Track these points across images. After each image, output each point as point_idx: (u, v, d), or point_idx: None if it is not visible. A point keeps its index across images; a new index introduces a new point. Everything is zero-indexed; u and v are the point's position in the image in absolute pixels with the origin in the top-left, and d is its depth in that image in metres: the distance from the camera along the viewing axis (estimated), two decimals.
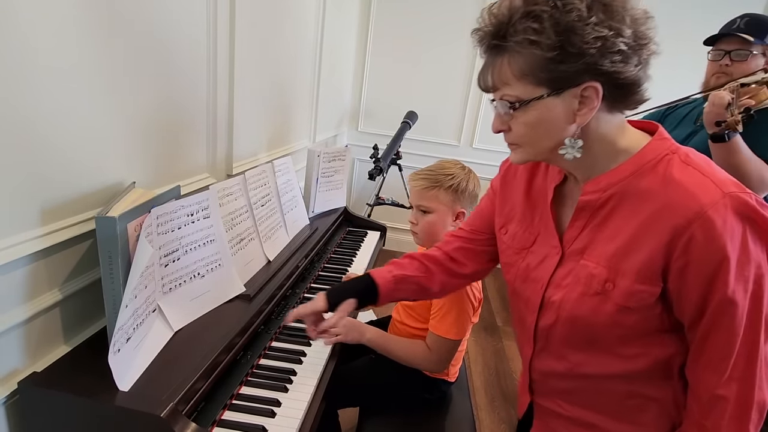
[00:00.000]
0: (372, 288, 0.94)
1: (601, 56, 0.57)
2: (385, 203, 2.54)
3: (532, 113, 0.62)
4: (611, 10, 0.57)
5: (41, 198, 0.74)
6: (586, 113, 0.61)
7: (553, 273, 0.72)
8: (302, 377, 0.96)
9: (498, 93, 0.65)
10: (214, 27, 1.17)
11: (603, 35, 0.56)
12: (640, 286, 0.63)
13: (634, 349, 0.67)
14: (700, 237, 0.58)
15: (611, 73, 0.58)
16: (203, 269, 0.98)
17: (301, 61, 1.91)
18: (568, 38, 0.56)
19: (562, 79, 0.59)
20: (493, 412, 1.93)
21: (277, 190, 1.39)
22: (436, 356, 1.10)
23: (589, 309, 0.67)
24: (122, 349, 0.73)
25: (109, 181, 0.88)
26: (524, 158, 0.69)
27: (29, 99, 0.69)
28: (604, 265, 0.65)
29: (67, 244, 0.80)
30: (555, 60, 0.58)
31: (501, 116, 0.66)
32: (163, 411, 0.69)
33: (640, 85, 0.62)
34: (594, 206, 0.67)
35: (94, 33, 0.79)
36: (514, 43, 0.59)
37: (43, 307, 0.77)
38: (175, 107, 1.07)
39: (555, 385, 0.78)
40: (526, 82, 0.61)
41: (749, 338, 0.60)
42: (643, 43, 0.59)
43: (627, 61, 0.58)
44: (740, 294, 0.58)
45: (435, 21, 2.97)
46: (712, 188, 0.59)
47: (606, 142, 0.65)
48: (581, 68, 0.58)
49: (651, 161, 0.64)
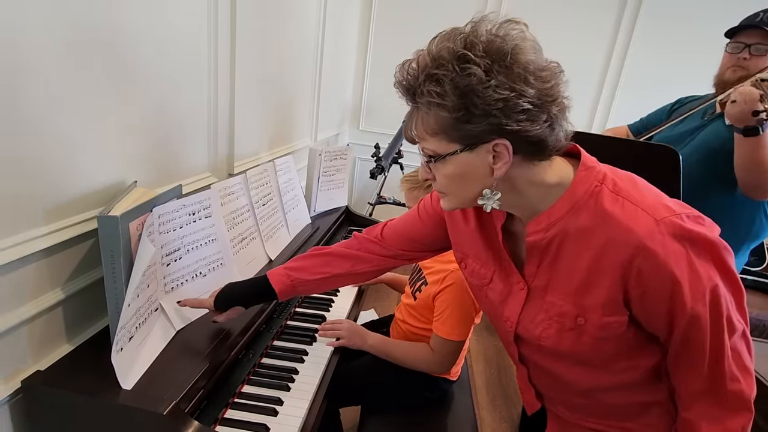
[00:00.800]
0: (268, 292, 0.95)
1: (505, 116, 0.58)
2: (386, 202, 2.54)
3: (450, 167, 0.64)
4: (511, 72, 0.57)
5: (43, 197, 0.75)
6: (501, 167, 0.62)
7: (522, 310, 0.73)
8: (304, 376, 0.97)
9: (419, 145, 0.66)
10: (215, 26, 1.17)
11: (504, 97, 0.57)
12: (609, 318, 0.65)
13: (622, 364, 0.70)
14: (646, 269, 0.60)
15: (518, 132, 0.59)
16: (205, 268, 0.98)
17: (302, 59, 1.91)
18: (470, 100, 0.57)
19: (472, 137, 0.60)
20: (494, 411, 1.93)
21: (279, 189, 1.40)
22: (439, 358, 1.10)
23: (570, 342, 0.69)
24: (125, 347, 0.74)
25: (110, 180, 0.88)
26: (452, 206, 0.70)
27: (31, 98, 0.69)
28: (571, 302, 0.67)
29: (70, 243, 0.80)
30: (461, 120, 0.59)
31: (425, 166, 0.68)
32: (166, 409, 0.69)
33: (549, 140, 0.62)
34: (541, 246, 0.68)
35: (96, 33, 0.79)
36: (422, 104, 0.61)
37: (45, 306, 0.77)
38: (176, 106, 1.07)
39: (557, 397, 0.82)
40: (440, 138, 0.62)
41: (715, 341, 0.63)
42: (549, 101, 0.59)
43: (534, 119, 0.59)
44: (701, 308, 0.61)
45: (436, 19, 2.96)
46: (644, 218, 0.60)
47: (536, 185, 0.65)
48: (487, 128, 0.59)
49: (582, 197, 0.64)
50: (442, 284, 1.10)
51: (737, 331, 0.65)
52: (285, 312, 1.18)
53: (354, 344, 1.11)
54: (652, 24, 2.74)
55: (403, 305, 1.25)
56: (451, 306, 1.07)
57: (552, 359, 0.75)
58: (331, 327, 1.14)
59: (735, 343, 0.64)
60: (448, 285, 1.09)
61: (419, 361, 1.12)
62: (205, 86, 1.18)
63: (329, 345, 1.10)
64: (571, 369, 0.74)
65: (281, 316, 1.16)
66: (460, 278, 1.08)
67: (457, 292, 1.08)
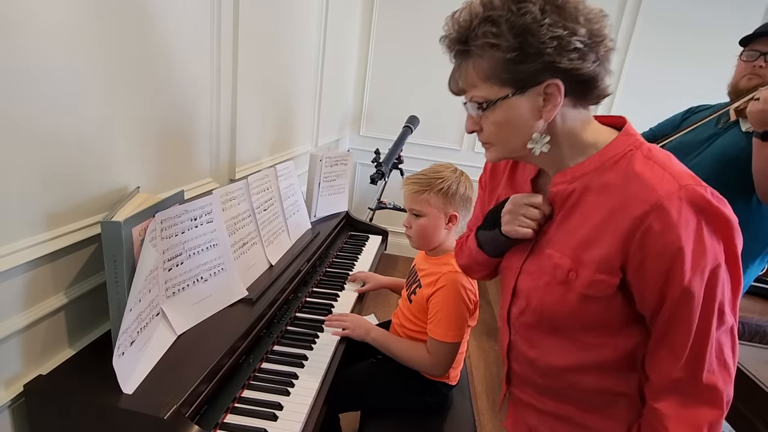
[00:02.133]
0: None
1: (558, 55, 0.61)
2: (387, 207, 2.55)
3: (500, 113, 0.66)
4: (564, 12, 0.60)
5: (47, 202, 0.75)
6: (550, 110, 0.64)
7: (524, 262, 0.76)
8: (304, 381, 0.97)
9: (467, 95, 0.69)
10: (217, 33, 1.18)
11: (558, 35, 0.60)
12: (600, 275, 0.65)
13: (599, 339, 0.70)
14: (655, 229, 0.60)
15: (570, 70, 0.62)
16: (206, 273, 0.99)
17: (303, 65, 1.93)
18: (525, 39, 0.60)
19: (524, 79, 0.63)
20: (494, 417, 1.93)
21: (280, 194, 1.40)
22: (435, 359, 1.11)
23: (555, 298, 0.70)
24: (126, 352, 0.74)
25: (113, 185, 0.89)
26: (497, 156, 0.72)
27: (35, 104, 0.70)
28: (569, 255, 0.68)
29: (73, 249, 0.81)
30: (515, 61, 0.62)
31: (472, 117, 0.70)
32: (167, 413, 0.70)
33: (599, 80, 0.65)
34: (561, 197, 0.70)
35: (100, 39, 0.80)
36: (476, 47, 0.63)
37: (48, 310, 0.78)
38: (178, 112, 1.08)
39: (529, 377, 0.81)
40: (491, 83, 0.65)
41: (702, 326, 0.62)
42: (598, 41, 0.63)
43: (584, 58, 0.62)
44: (697, 284, 0.60)
45: (437, 26, 2.96)
46: (669, 181, 0.61)
47: (572, 138, 0.68)
48: (541, 67, 0.62)
49: (614, 156, 0.67)
50: (435, 286, 1.11)
51: (725, 324, 0.63)
52: (285, 317, 1.18)
53: (358, 335, 1.16)
54: (650, 31, 2.76)
55: (400, 309, 1.26)
56: (444, 308, 1.09)
57: (533, 322, 0.75)
58: (337, 318, 1.19)
59: (720, 337, 0.63)
60: (440, 287, 1.10)
61: (415, 360, 1.13)
62: (207, 92, 1.20)
63: (334, 335, 1.14)
64: (546, 338, 0.75)
65: (281, 321, 1.16)
66: (453, 280, 1.09)
67: (449, 294, 1.09)
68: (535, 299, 0.73)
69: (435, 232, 1.16)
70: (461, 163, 1.28)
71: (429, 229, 1.15)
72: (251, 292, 1.08)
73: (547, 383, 0.78)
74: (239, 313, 1.02)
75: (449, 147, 3.21)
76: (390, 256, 3.25)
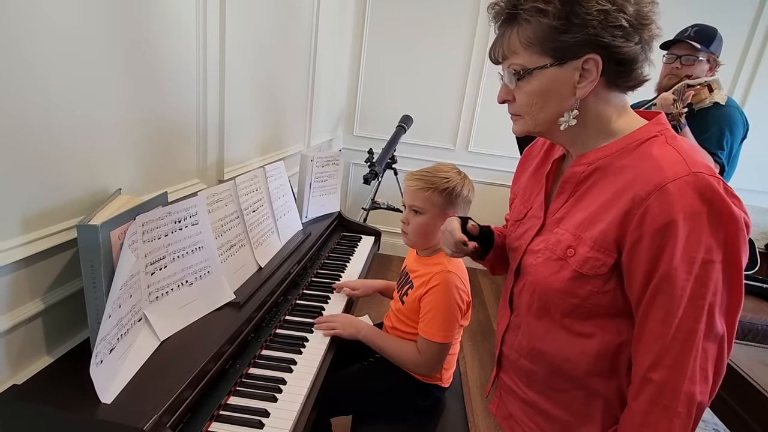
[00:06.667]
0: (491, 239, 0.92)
1: (603, 29, 0.61)
2: (381, 207, 2.53)
3: (536, 82, 0.66)
4: None
5: (23, 205, 0.73)
6: (585, 86, 0.64)
7: (531, 241, 0.77)
8: (292, 386, 0.95)
9: (506, 62, 0.69)
10: (203, 29, 1.15)
11: (605, 8, 0.60)
12: (595, 253, 0.65)
13: (586, 327, 0.69)
14: (655, 208, 0.59)
15: (611, 47, 0.62)
16: (191, 277, 0.96)
17: (295, 64, 1.90)
18: (572, 8, 0.61)
19: (565, 49, 0.63)
20: (489, 418, 1.92)
21: (269, 195, 1.38)
22: (425, 359, 1.10)
23: (548, 273, 0.70)
24: (105, 360, 0.72)
25: (94, 187, 0.87)
26: (524, 129, 0.72)
27: (11, 103, 0.67)
28: (572, 232, 0.68)
29: (50, 253, 0.78)
30: (559, 29, 0.62)
31: (506, 86, 0.71)
32: (147, 423, 0.67)
33: (638, 64, 0.64)
34: (578, 178, 0.70)
35: (84, 37, 0.77)
36: (524, 11, 0.64)
37: (24, 317, 0.75)
38: (163, 111, 1.06)
39: (517, 361, 0.81)
40: (533, 51, 0.65)
41: (687, 325, 0.59)
42: (645, 23, 0.62)
43: (628, 37, 0.62)
44: (682, 273, 0.58)
45: (430, 25, 2.96)
46: (681, 165, 0.59)
47: (601, 120, 0.68)
48: (583, 39, 0.62)
49: (635, 141, 0.66)
50: (427, 286, 1.10)
51: (714, 331, 0.59)
52: (274, 320, 1.16)
53: (349, 334, 1.15)
54: None
55: (392, 311, 1.25)
56: (435, 307, 1.08)
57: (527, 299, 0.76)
58: (326, 319, 1.18)
59: (708, 346, 0.59)
60: (432, 286, 1.09)
61: (405, 359, 1.13)
62: (194, 89, 1.17)
63: (325, 335, 1.13)
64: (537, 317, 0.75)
65: (270, 324, 1.14)
66: (445, 279, 1.08)
67: (441, 294, 1.08)
68: (532, 275, 0.74)
69: (432, 232, 1.14)
70: (455, 162, 1.27)
71: (427, 227, 1.14)
72: (239, 296, 1.06)
73: (532, 371, 0.78)
74: (226, 316, 1.00)
75: (443, 146, 3.19)
76: (384, 257, 3.23)
